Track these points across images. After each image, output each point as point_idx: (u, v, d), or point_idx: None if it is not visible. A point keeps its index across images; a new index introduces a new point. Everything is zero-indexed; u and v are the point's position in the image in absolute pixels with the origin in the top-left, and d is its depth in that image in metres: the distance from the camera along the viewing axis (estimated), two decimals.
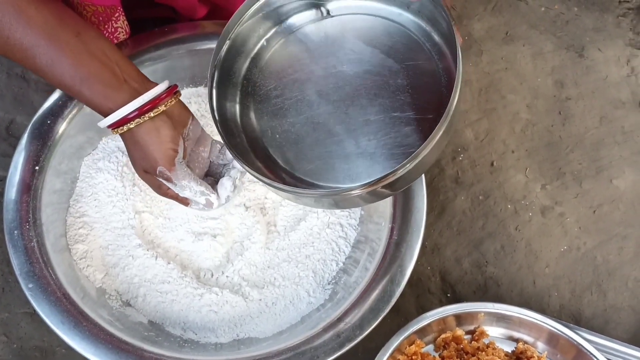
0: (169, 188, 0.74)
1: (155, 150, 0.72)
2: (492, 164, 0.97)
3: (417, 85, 0.70)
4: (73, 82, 0.68)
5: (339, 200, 0.69)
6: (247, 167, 0.68)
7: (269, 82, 0.76)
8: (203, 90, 0.90)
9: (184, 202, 0.76)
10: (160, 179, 0.73)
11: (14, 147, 0.81)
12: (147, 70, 0.85)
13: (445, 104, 0.63)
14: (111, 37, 0.84)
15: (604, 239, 0.93)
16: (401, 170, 0.64)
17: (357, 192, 0.65)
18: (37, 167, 0.79)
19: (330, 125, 0.72)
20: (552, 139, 1.00)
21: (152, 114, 0.70)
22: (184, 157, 0.74)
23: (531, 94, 1.02)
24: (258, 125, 0.75)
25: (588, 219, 0.94)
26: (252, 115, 0.76)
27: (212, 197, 0.75)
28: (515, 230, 0.93)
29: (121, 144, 0.86)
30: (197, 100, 0.90)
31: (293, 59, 0.75)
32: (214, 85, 0.74)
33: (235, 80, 0.76)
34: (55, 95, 0.83)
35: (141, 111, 0.70)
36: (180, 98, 0.74)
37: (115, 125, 0.70)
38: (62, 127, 0.82)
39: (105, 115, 0.70)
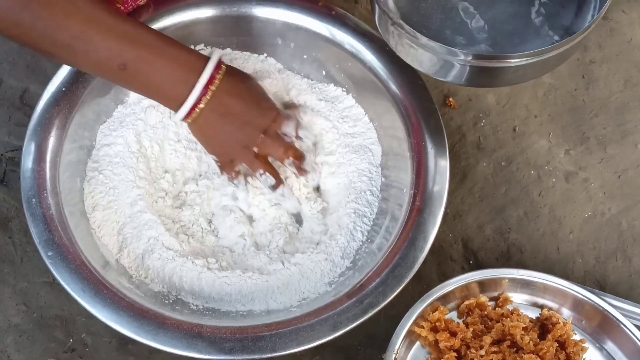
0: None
1: (255, 96, 0.77)
2: (514, 130, 0.95)
3: None
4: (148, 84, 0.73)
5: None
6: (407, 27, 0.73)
7: None
8: (221, 52, 0.89)
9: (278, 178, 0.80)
10: (287, 130, 0.78)
11: (28, 116, 0.80)
12: (171, 34, 0.84)
13: None
14: (132, 2, 0.82)
15: (629, 204, 0.91)
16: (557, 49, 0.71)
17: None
18: (53, 136, 0.78)
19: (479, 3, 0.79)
20: (576, 103, 0.98)
21: (218, 79, 0.73)
22: None
23: None
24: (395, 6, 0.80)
25: (613, 184, 0.92)
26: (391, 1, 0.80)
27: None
28: (539, 196, 0.91)
29: (137, 108, 0.85)
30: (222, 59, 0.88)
31: None
32: None
33: None
34: None
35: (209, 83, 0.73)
36: None
37: (192, 110, 0.73)
38: (76, 95, 0.81)
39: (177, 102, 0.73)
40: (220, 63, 0.75)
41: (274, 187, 0.79)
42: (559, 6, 0.80)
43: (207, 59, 0.74)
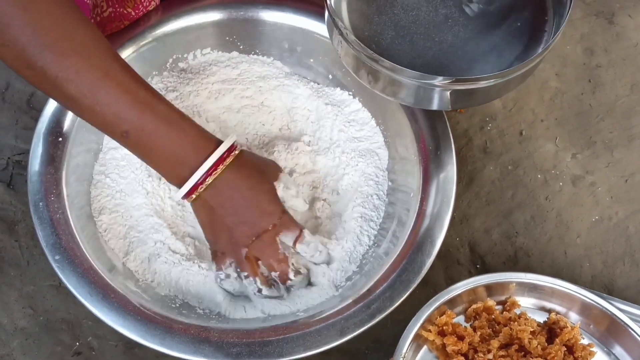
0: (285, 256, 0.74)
1: (258, 195, 0.73)
2: (521, 133, 0.95)
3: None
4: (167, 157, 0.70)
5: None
6: (365, 49, 0.72)
7: None
8: (227, 56, 0.89)
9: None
10: (284, 233, 0.73)
11: (35, 119, 0.81)
12: (177, 38, 0.85)
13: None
14: (143, 7, 0.82)
15: (636, 208, 0.91)
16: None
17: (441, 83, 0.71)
18: (60, 139, 0.78)
19: (431, 25, 0.77)
20: (582, 107, 0.97)
21: (221, 168, 0.70)
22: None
23: (560, 61, 1.00)
24: (349, 21, 0.78)
25: (620, 189, 0.92)
26: (345, 9, 0.79)
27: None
28: (546, 200, 0.91)
29: None
30: (228, 63, 0.89)
31: None
32: None
33: None
34: None
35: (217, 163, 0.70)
36: (205, 62, 0.73)
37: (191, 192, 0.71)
38: None
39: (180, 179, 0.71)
40: (233, 148, 0.72)
41: (259, 291, 0.74)
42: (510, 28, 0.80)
43: (217, 141, 0.71)
